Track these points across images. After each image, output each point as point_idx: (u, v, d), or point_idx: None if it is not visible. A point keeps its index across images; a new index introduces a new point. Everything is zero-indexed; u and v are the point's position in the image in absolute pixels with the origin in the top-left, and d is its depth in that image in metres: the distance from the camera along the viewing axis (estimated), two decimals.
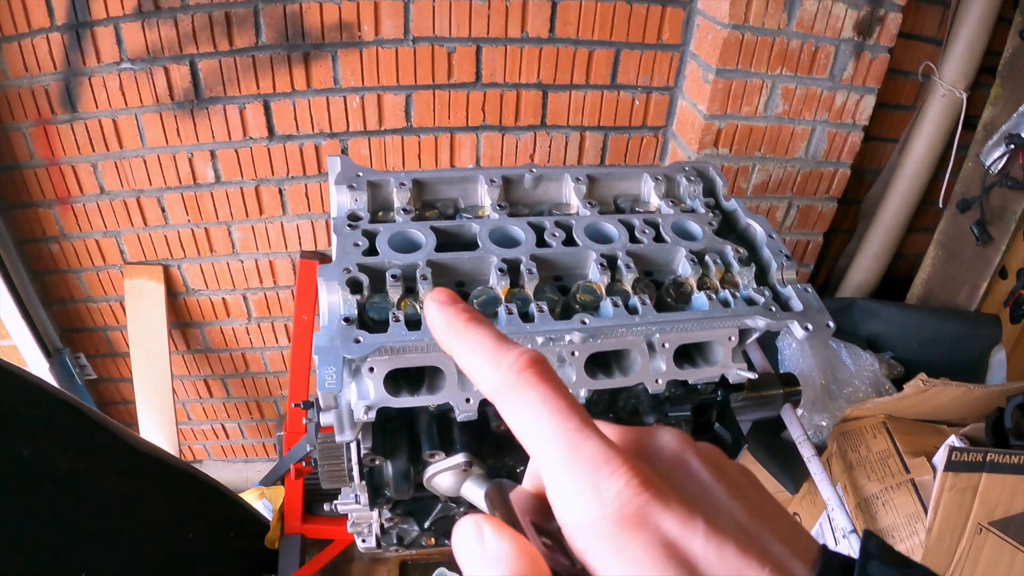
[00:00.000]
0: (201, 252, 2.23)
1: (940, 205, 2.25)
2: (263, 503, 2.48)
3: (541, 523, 0.30)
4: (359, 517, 1.18)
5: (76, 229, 2.17)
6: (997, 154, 2.00)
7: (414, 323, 0.75)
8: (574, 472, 0.28)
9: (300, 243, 2.24)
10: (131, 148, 2.02)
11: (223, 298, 2.34)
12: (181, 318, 2.38)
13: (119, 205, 2.12)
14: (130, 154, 2.03)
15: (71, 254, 2.23)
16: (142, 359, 2.36)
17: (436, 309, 0.35)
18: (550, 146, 2.16)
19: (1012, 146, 1.96)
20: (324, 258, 2.24)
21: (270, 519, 2.39)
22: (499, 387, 0.31)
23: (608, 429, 0.32)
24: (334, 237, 0.84)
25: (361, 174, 0.92)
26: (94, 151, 2.02)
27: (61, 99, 1.93)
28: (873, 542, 0.29)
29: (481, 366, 0.32)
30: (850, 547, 1.48)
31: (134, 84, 1.90)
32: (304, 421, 1.07)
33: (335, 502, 1.16)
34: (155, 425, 2.43)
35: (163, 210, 2.14)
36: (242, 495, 2.38)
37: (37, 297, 2.26)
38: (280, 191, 2.13)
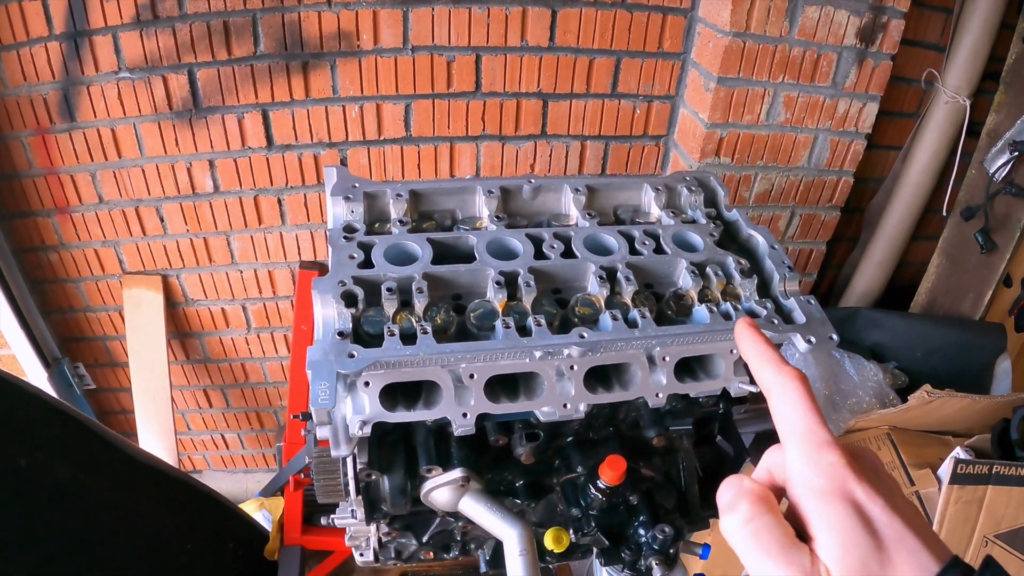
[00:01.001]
0: (200, 262, 2.22)
1: (944, 213, 2.24)
2: (263, 514, 2.46)
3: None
4: (357, 531, 1.17)
5: (75, 238, 2.17)
6: (1001, 161, 1.98)
7: (409, 337, 0.73)
8: (808, 447, 0.46)
9: (299, 253, 2.23)
10: (130, 157, 2.01)
11: (222, 308, 2.33)
12: (180, 328, 2.37)
13: (118, 215, 2.11)
14: (129, 163, 2.02)
15: (70, 263, 2.22)
16: (141, 369, 2.35)
17: (746, 327, 0.56)
18: (550, 155, 2.15)
19: (1016, 153, 1.95)
20: (323, 268, 2.23)
21: (269, 530, 2.37)
22: (775, 384, 0.49)
23: None
24: (330, 249, 0.83)
25: (357, 185, 0.91)
26: (93, 160, 2.01)
27: (60, 108, 1.93)
28: (992, 560, 0.42)
29: (768, 369, 0.51)
30: None
31: (132, 93, 1.90)
32: (303, 432, 1.06)
33: (332, 516, 1.15)
34: (154, 435, 2.42)
35: (162, 220, 2.13)
36: (242, 506, 2.36)
37: (36, 306, 2.25)
38: (279, 201, 2.12)
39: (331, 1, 1.83)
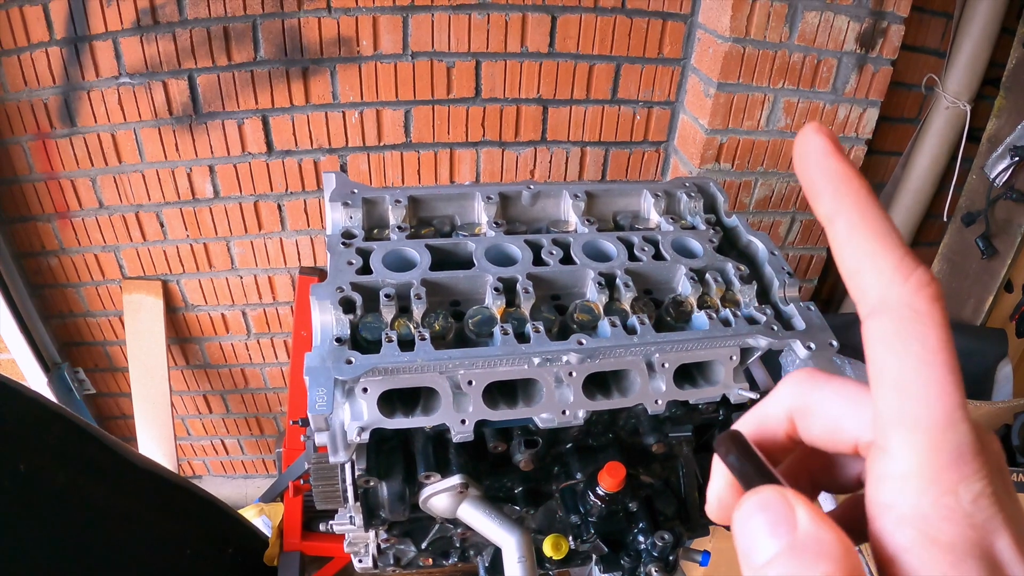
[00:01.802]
0: (200, 267, 2.22)
1: (945, 219, 2.24)
2: (262, 520, 2.45)
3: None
4: (355, 537, 1.16)
5: (75, 243, 2.17)
6: (1002, 166, 1.98)
7: (408, 343, 0.73)
8: (940, 454, 0.24)
9: (299, 259, 2.23)
10: (130, 163, 2.01)
11: (222, 314, 2.33)
12: (180, 333, 2.37)
13: (118, 220, 2.11)
14: (129, 169, 2.02)
15: (70, 268, 2.22)
16: (141, 374, 2.34)
17: (824, 151, 0.27)
18: (550, 161, 2.15)
19: (1017, 158, 1.95)
20: (323, 274, 2.22)
21: (269, 536, 2.36)
22: (896, 303, 0.25)
23: None
24: (328, 255, 0.83)
25: (356, 191, 0.91)
26: (93, 165, 2.01)
27: (60, 113, 1.93)
28: None
29: (880, 263, 0.26)
30: None
31: (133, 99, 1.90)
32: (303, 438, 1.05)
33: (331, 522, 1.14)
34: (154, 440, 2.41)
35: (162, 225, 2.13)
36: (241, 511, 2.35)
37: (36, 311, 2.25)
38: (279, 207, 2.12)
39: (331, 7, 1.83)
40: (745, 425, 0.32)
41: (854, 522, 0.26)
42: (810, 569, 0.23)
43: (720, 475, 0.31)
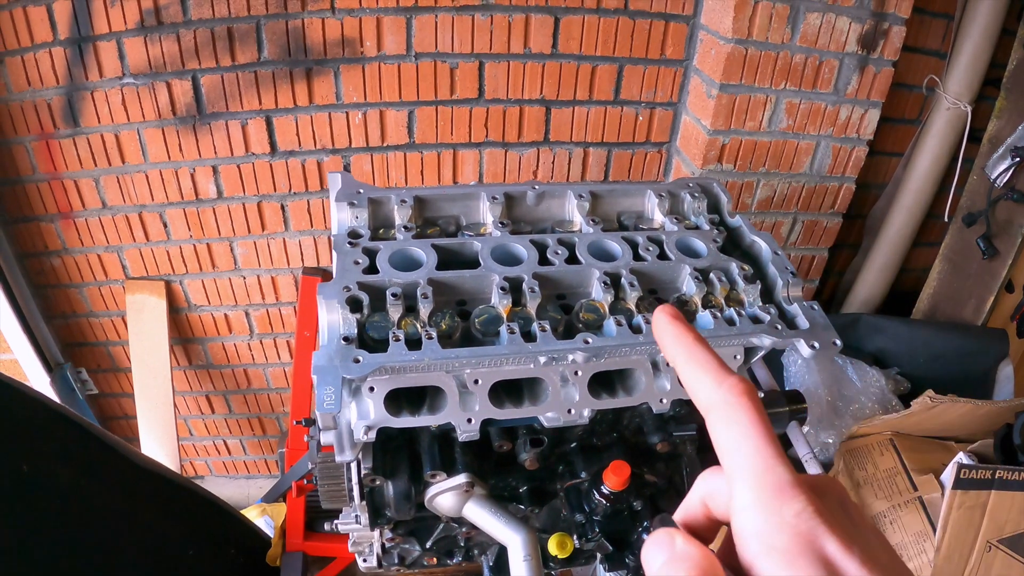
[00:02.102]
0: (203, 268, 2.22)
1: (946, 219, 2.24)
2: (265, 520, 2.45)
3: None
4: (360, 537, 1.17)
5: (78, 244, 2.17)
6: (1002, 167, 1.99)
7: (414, 342, 0.74)
8: (764, 489, 0.34)
9: (302, 259, 2.24)
10: (133, 163, 2.02)
11: (225, 314, 2.34)
12: (183, 334, 2.37)
13: (121, 220, 2.12)
14: (132, 169, 2.03)
15: (73, 268, 2.22)
16: (143, 374, 2.35)
17: (667, 321, 0.42)
18: (553, 162, 2.15)
19: (1018, 159, 1.95)
20: (326, 275, 2.23)
21: (272, 536, 2.36)
22: (717, 403, 0.37)
23: None
24: (334, 255, 0.83)
25: (362, 191, 0.91)
26: (96, 166, 2.02)
27: (63, 113, 1.93)
28: None
29: (704, 381, 0.38)
30: None
31: (136, 99, 1.91)
32: (306, 438, 1.06)
33: (336, 521, 1.15)
34: (156, 440, 2.42)
35: (165, 225, 2.14)
36: (244, 512, 2.35)
37: (39, 311, 2.25)
38: (282, 207, 2.12)
39: (335, 8, 1.83)
40: (677, 512, 0.42)
41: (733, 554, 0.36)
42: (685, 568, 0.34)
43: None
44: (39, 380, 2.30)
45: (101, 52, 1.85)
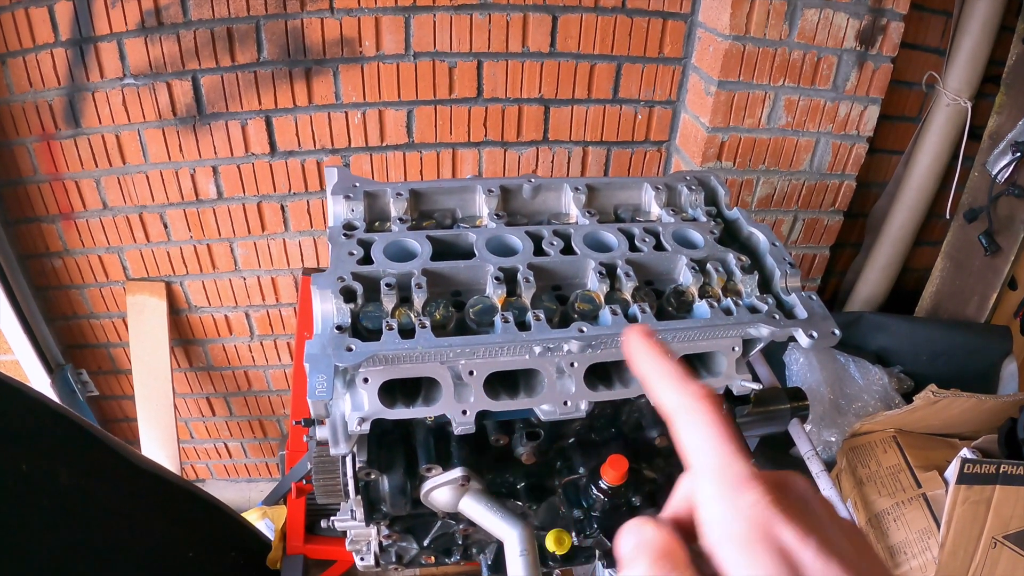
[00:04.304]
0: (203, 268, 2.22)
1: (947, 216, 2.23)
2: (265, 523, 2.44)
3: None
4: (357, 534, 1.16)
5: (79, 245, 2.17)
6: (1003, 163, 1.98)
7: (408, 332, 0.73)
8: (723, 483, 0.37)
9: (302, 260, 2.23)
10: (134, 164, 2.02)
11: (225, 315, 2.34)
12: (183, 335, 2.37)
13: (122, 221, 2.12)
14: (133, 170, 2.03)
15: (74, 270, 2.23)
16: (144, 376, 2.35)
17: (637, 338, 0.45)
18: (552, 161, 2.15)
19: (1018, 154, 1.94)
20: None
21: (272, 539, 2.36)
22: (679, 407, 0.41)
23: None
24: (329, 246, 0.83)
25: (358, 184, 0.91)
26: (97, 166, 2.02)
27: (65, 114, 1.94)
28: None
29: (667, 388, 0.42)
30: None
31: (137, 99, 1.91)
32: (305, 439, 1.05)
33: (333, 518, 1.14)
34: (157, 443, 2.41)
35: (165, 226, 2.14)
36: (244, 515, 2.35)
37: (39, 312, 2.26)
38: (282, 207, 2.12)
39: (334, 8, 1.84)
40: (664, 510, 0.44)
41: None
42: (647, 552, 0.37)
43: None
44: (40, 381, 2.30)
45: (102, 53, 1.86)
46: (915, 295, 2.39)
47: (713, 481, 0.38)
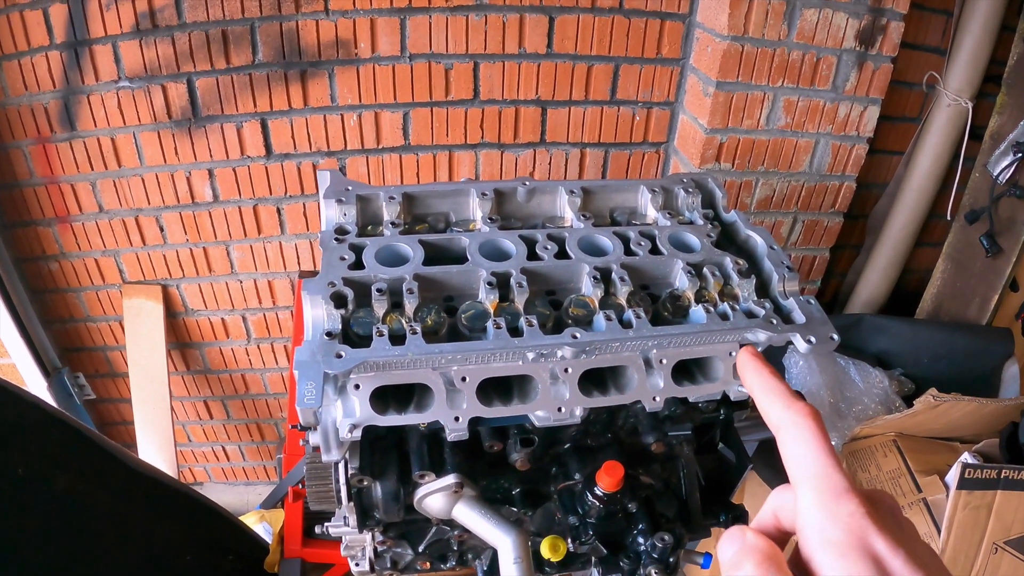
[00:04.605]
0: (200, 272, 2.22)
1: (948, 217, 2.22)
2: (263, 526, 2.44)
3: None
4: (352, 540, 1.15)
5: (75, 248, 2.17)
6: (1005, 163, 1.97)
7: (399, 338, 0.72)
8: (823, 492, 0.41)
9: (299, 263, 2.22)
10: (129, 167, 2.01)
11: (222, 318, 2.33)
12: (180, 338, 2.36)
13: (118, 224, 2.11)
14: (128, 173, 2.02)
15: (70, 273, 2.22)
16: (141, 379, 2.34)
17: (748, 358, 0.54)
18: (550, 163, 2.14)
19: (1020, 155, 1.93)
20: None
21: (270, 542, 2.35)
22: (785, 422, 0.46)
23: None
24: (321, 251, 0.82)
25: (350, 188, 0.90)
26: (93, 169, 2.01)
27: (60, 117, 1.93)
28: None
29: (775, 404, 0.47)
30: None
31: (132, 102, 1.90)
32: (301, 443, 1.04)
33: (326, 524, 1.13)
34: (154, 446, 2.41)
35: (162, 229, 2.13)
36: (242, 518, 2.34)
37: (36, 316, 2.25)
38: (278, 210, 2.11)
39: (329, 9, 1.83)
40: (753, 523, 0.48)
41: (799, 563, 0.42)
42: (752, 555, 0.41)
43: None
44: (36, 385, 2.29)
45: (97, 56, 1.85)
46: (916, 297, 2.38)
47: (814, 490, 0.41)
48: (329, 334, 0.71)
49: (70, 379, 2.39)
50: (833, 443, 1.88)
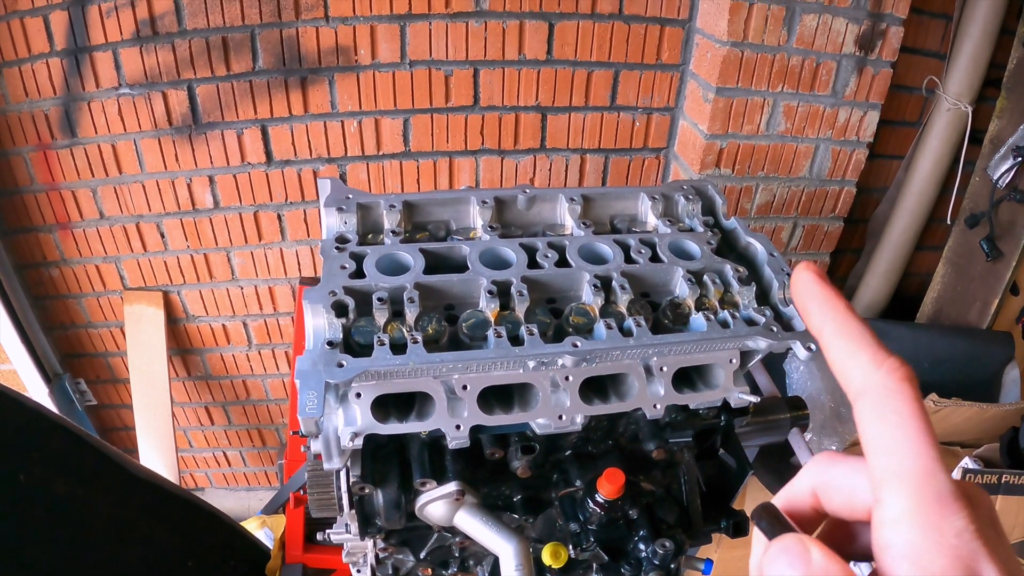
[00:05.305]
0: (200, 278, 2.22)
1: (948, 222, 2.22)
2: (264, 532, 2.43)
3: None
4: (354, 547, 1.15)
5: (76, 254, 2.17)
6: (1005, 167, 1.97)
7: (400, 347, 0.72)
8: (924, 501, 0.29)
9: (300, 269, 2.23)
10: (130, 173, 2.01)
11: (223, 324, 2.33)
12: (181, 344, 2.36)
13: (119, 230, 2.11)
14: (129, 179, 2.02)
15: (71, 279, 2.22)
16: (142, 385, 2.34)
17: (812, 280, 0.34)
18: (550, 169, 2.14)
19: (1020, 159, 1.93)
20: None
21: (271, 548, 2.34)
22: (874, 386, 0.32)
23: None
24: (322, 260, 0.82)
25: (351, 196, 0.90)
26: (93, 176, 2.02)
27: (61, 124, 1.93)
28: None
29: (859, 359, 0.32)
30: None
31: (132, 109, 1.91)
32: (303, 449, 1.05)
33: (328, 531, 1.13)
34: (155, 452, 2.40)
35: (162, 235, 2.13)
36: (243, 524, 2.33)
37: (37, 322, 2.25)
38: (279, 216, 2.12)
39: (329, 16, 1.83)
40: (777, 500, 0.37)
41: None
42: None
43: (758, 543, 0.36)
44: (38, 391, 2.29)
45: (97, 63, 1.86)
46: (916, 301, 2.38)
47: (910, 496, 0.30)
48: (330, 343, 0.71)
49: (71, 385, 2.39)
50: (833, 447, 1.88)
